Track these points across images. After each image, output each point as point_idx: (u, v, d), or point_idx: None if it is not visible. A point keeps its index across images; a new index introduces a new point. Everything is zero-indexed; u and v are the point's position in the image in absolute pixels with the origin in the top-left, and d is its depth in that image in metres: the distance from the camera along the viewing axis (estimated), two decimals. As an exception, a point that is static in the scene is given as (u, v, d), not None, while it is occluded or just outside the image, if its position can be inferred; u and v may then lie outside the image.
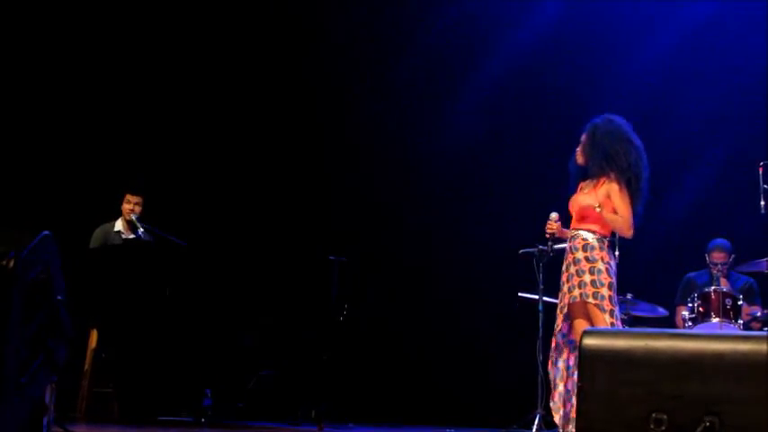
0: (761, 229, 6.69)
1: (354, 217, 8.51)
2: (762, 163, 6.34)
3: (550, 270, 6.63)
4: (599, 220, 5.28)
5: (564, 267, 5.41)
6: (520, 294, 6.88)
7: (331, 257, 6.51)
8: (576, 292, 5.23)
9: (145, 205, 7.23)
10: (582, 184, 5.55)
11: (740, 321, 6.65)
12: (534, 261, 6.61)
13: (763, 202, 6.22)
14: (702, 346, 2.73)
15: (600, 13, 8.44)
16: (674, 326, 7.07)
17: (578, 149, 5.53)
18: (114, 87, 8.68)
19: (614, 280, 5.22)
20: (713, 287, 6.83)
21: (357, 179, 8.71)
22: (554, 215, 5.51)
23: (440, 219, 8.58)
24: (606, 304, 5.13)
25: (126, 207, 7.20)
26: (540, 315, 6.57)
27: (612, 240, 5.35)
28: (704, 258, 7.21)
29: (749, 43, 7.90)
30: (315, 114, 8.87)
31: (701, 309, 6.76)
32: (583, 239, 5.29)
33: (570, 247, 5.36)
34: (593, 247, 5.24)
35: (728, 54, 8.07)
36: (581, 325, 5.16)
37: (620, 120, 5.41)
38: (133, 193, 7.22)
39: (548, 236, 5.58)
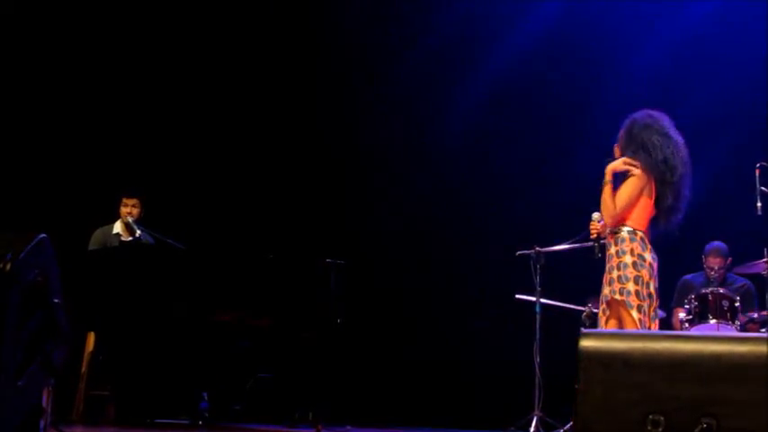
0: (757, 231, 6.70)
1: (352, 219, 8.51)
2: (758, 164, 6.34)
3: (547, 272, 6.65)
4: (633, 213, 5.18)
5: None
6: (517, 296, 6.88)
7: (328, 260, 6.50)
8: (607, 290, 5.14)
9: (143, 208, 7.22)
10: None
11: (737, 323, 6.65)
12: (531, 263, 6.62)
13: (759, 204, 6.22)
14: (700, 348, 2.74)
15: (599, 14, 8.42)
16: (671, 328, 7.06)
17: (616, 145, 5.43)
18: (112, 89, 8.66)
19: (645, 272, 5.07)
20: (710, 288, 6.82)
21: (354, 181, 8.71)
22: (596, 215, 5.37)
23: (437, 221, 8.57)
24: (633, 299, 5.01)
25: (123, 210, 7.20)
26: (537, 317, 6.58)
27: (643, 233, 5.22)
28: (701, 260, 7.20)
29: (748, 44, 7.89)
30: (313, 116, 8.86)
31: (697, 310, 6.75)
32: (614, 233, 5.21)
33: (606, 245, 5.26)
34: (623, 240, 5.13)
35: (727, 55, 8.07)
36: (612, 326, 5.07)
37: (659, 115, 5.32)
38: (129, 196, 7.22)
39: (593, 236, 5.35)
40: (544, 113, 8.42)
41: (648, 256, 5.14)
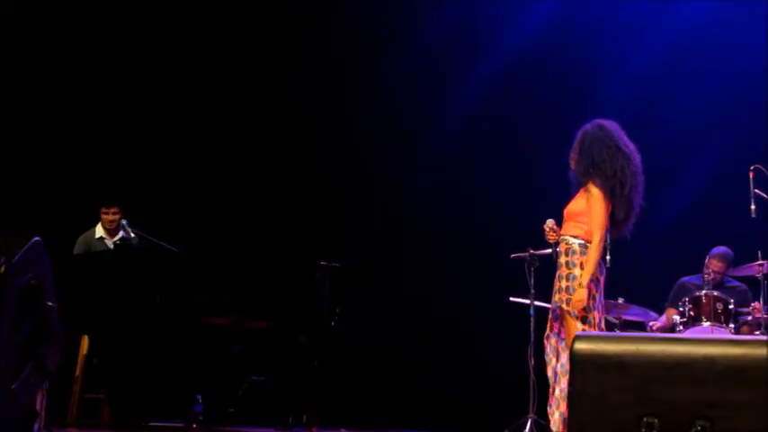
0: (752, 233, 6.70)
1: (346, 222, 8.50)
2: (752, 167, 6.35)
3: (541, 274, 6.65)
4: (584, 225, 5.26)
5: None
6: (511, 299, 6.88)
7: (323, 263, 6.50)
8: (557, 297, 5.25)
9: (132, 212, 7.21)
10: None
11: (731, 325, 6.66)
12: (525, 265, 6.62)
13: (753, 207, 6.23)
14: (694, 350, 2.74)
15: (594, 14, 8.43)
16: (663, 328, 7.06)
17: (570, 155, 5.51)
18: (101, 91, 8.66)
19: (593, 285, 5.16)
20: (704, 291, 6.83)
21: (349, 183, 8.70)
22: (549, 222, 5.45)
23: (432, 224, 8.57)
24: (578, 311, 5.14)
25: (105, 218, 7.22)
26: (532, 319, 6.58)
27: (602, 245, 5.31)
28: (697, 262, 7.18)
29: (745, 45, 7.90)
30: (308, 117, 8.85)
31: (692, 313, 6.76)
32: (567, 244, 5.28)
33: (557, 252, 5.37)
34: (573, 252, 5.22)
35: (724, 57, 8.07)
36: (565, 329, 5.22)
37: (610, 125, 5.37)
38: (108, 206, 7.22)
39: (551, 242, 5.46)
40: (540, 115, 8.42)
41: (598, 269, 5.20)
